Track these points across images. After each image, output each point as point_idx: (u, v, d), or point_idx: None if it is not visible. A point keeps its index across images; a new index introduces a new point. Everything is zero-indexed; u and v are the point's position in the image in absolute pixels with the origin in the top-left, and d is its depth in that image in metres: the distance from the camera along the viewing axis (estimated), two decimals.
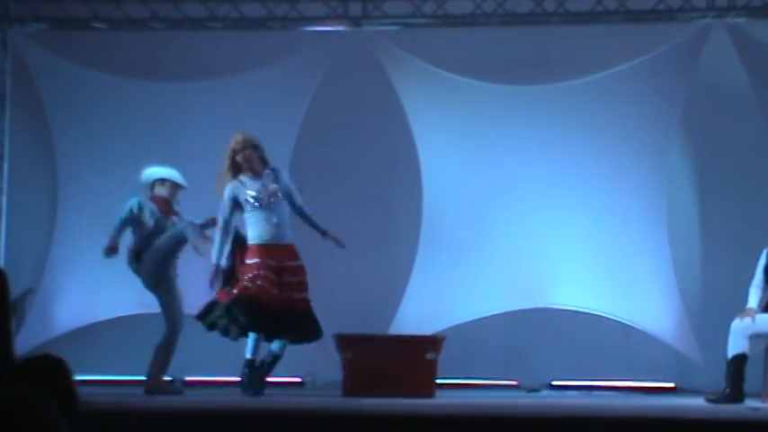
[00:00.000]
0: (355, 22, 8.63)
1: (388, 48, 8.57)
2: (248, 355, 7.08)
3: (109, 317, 8.56)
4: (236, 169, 7.14)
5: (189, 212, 7.93)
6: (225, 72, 8.60)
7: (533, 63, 8.60)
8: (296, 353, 8.42)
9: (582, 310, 8.31)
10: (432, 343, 7.49)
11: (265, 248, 7.05)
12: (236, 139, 7.17)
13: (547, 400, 7.11)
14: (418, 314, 7.92)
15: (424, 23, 8.60)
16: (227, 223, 7.15)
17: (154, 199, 7.56)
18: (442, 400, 7.11)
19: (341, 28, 8.64)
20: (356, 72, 8.63)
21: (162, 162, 7.77)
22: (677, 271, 8.32)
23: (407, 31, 8.63)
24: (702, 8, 8.34)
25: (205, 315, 7.12)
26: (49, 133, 8.76)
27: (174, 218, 7.56)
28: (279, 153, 8.50)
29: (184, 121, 8.60)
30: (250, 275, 6.98)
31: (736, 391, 6.77)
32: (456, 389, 7.64)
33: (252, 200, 7.08)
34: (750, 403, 6.75)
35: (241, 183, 7.14)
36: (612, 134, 8.39)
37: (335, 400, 6.87)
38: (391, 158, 8.81)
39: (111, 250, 7.46)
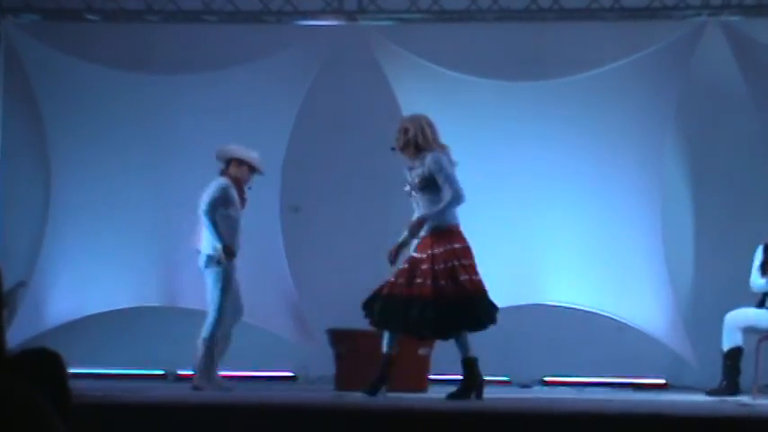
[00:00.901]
0: (350, 16, 8.62)
1: (383, 43, 8.56)
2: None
3: (101, 310, 8.55)
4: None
5: (179, 202, 7.90)
6: (219, 65, 8.58)
7: (529, 59, 8.60)
8: (288, 347, 8.44)
9: (575, 306, 8.32)
10: (424, 338, 7.49)
11: None
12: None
13: (539, 396, 7.11)
14: None
15: (420, 18, 8.59)
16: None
17: (231, 179, 7.16)
18: (435, 395, 7.11)
19: (336, 22, 8.63)
20: (351, 67, 8.62)
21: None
22: (670, 268, 8.34)
23: (403, 26, 8.62)
24: (697, 6, 8.35)
25: None
26: (41, 125, 8.73)
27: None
28: (273, 147, 8.50)
29: (178, 113, 8.58)
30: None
31: (732, 384, 6.81)
32: (449, 385, 7.64)
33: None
34: (740, 399, 6.78)
35: None
36: (607, 131, 8.40)
37: (328, 395, 6.87)
38: (386, 153, 8.79)
39: (229, 250, 7.00)
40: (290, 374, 8.56)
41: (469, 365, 6.43)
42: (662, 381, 8.53)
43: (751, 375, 7.00)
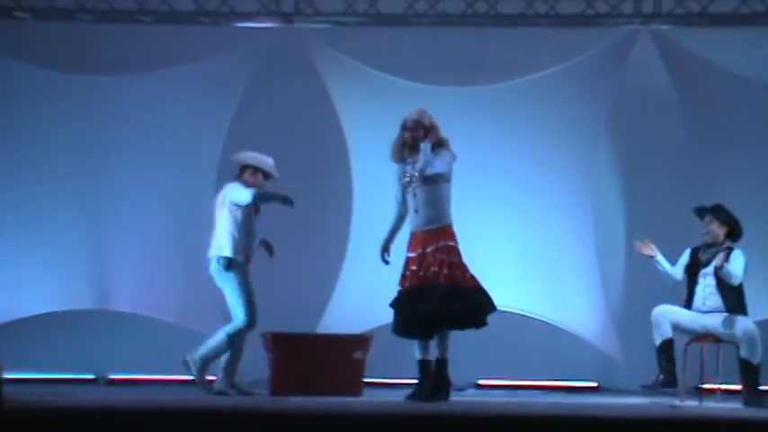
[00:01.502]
0: (287, 18, 8.61)
1: (319, 46, 8.56)
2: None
3: (31, 313, 8.41)
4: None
5: (109, 205, 7.80)
6: (154, 67, 8.50)
7: (465, 64, 8.66)
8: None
9: (508, 309, 8.38)
10: (359, 342, 7.50)
11: None
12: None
13: (473, 399, 7.15)
14: (347, 313, 7.94)
15: (357, 22, 8.61)
16: None
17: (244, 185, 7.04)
18: (370, 399, 7.12)
19: (272, 24, 8.61)
20: (288, 70, 8.61)
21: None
22: (602, 272, 8.46)
23: (340, 29, 8.63)
24: (629, 14, 8.50)
25: None
26: None
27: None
28: (208, 149, 8.46)
29: (111, 115, 8.50)
30: None
31: (669, 376, 6.90)
32: (383, 388, 7.66)
33: None
34: (668, 401, 6.88)
35: None
36: (541, 136, 8.49)
37: (262, 399, 6.84)
38: (322, 157, 8.79)
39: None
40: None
41: (445, 366, 6.44)
42: (593, 383, 8.64)
43: (679, 378, 7.10)
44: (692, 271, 7.11)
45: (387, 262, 6.61)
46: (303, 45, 8.52)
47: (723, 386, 7.11)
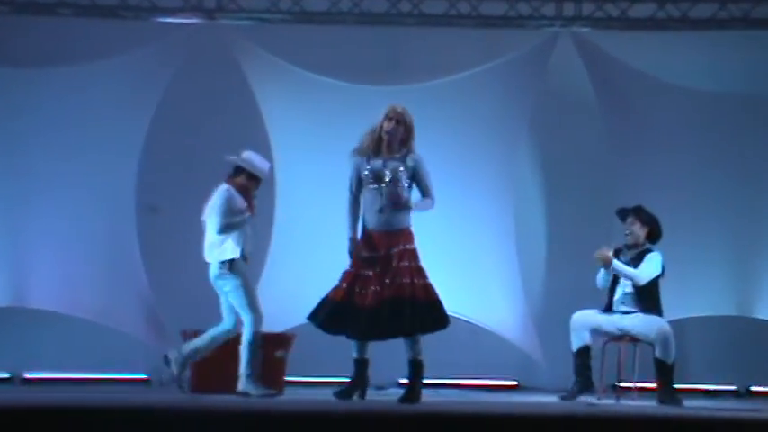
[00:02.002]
0: (210, 14, 8.54)
1: (243, 43, 8.51)
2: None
3: None
4: None
5: (27, 200, 7.65)
6: (75, 61, 8.36)
7: (388, 63, 8.69)
8: (142, 349, 8.29)
9: None
10: (281, 341, 7.48)
11: None
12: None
13: (394, 398, 7.17)
14: (268, 311, 7.85)
15: (280, 19, 8.58)
16: None
17: (235, 187, 6.91)
18: (291, 397, 7.10)
19: (195, 20, 8.54)
20: (210, 66, 8.54)
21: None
22: (522, 272, 8.54)
23: (263, 26, 8.59)
24: (551, 17, 8.61)
25: None
26: None
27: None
28: (128, 146, 8.35)
29: (31, 108, 8.33)
30: None
31: (584, 382, 7.02)
32: (305, 386, 7.65)
33: None
34: (587, 399, 6.99)
35: None
36: (463, 137, 8.55)
37: (181, 397, 6.78)
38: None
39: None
40: (144, 377, 8.42)
41: (420, 366, 6.37)
42: (514, 382, 8.73)
43: (597, 377, 7.22)
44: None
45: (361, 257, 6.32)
46: (226, 41, 8.46)
47: (639, 384, 7.24)
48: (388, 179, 6.32)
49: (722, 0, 8.56)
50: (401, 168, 6.39)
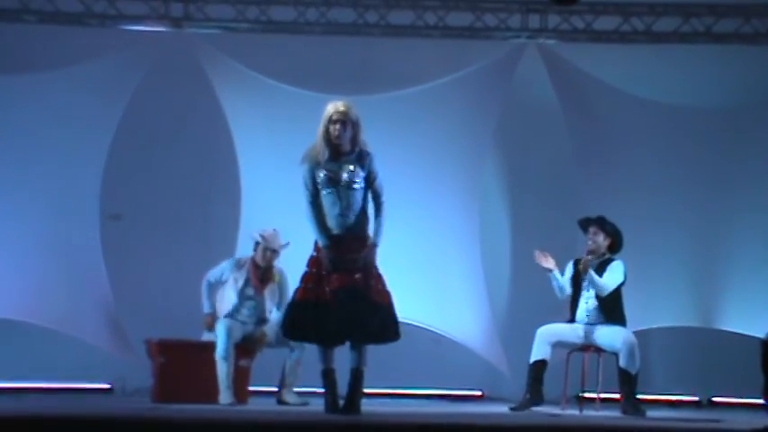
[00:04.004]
0: (176, 23, 8.52)
1: (209, 51, 8.50)
2: None
3: None
4: None
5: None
6: (40, 68, 8.31)
7: (354, 73, 8.70)
8: (105, 358, 8.23)
9: None
10: (245, 350, 7.45)
11: None
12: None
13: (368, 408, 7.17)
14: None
15: (247, 28, 8.57)
16: None
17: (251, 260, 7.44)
18: (255, 407, 7.08)
19: (161, 28, 8.51)
20: (177, 75, 8.51)
21: None
22: (487, 281, 8.57)
23: (230, 35, 8.58)
24: (517, 28, 8.67)
25: None
26: None
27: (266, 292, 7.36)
28: (93, 154, 8.30)
29: None
30: None
31: (534, 395, 7.03)
32: (269, 396, 7.62)
33: None
34: (549, 410, 7.01)
35: None
36: (429, 146, 8.57)
37: (144, 407, 6.74)
38: (211, 163, 8.73)
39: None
40: (107, 386, 8.35)
41: (363, 376, 6.28)
42: (478, 392, 8.75)
43: (561, 387, 7.24)
44: (576, 282, 7.26)
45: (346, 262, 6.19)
46: (193, 50, 8.44)
47: (603, 395, 7.27)
48: (343, 182, 6.21)
49: (686, 14, 8.65)
50: (355, 168, 6.25)
